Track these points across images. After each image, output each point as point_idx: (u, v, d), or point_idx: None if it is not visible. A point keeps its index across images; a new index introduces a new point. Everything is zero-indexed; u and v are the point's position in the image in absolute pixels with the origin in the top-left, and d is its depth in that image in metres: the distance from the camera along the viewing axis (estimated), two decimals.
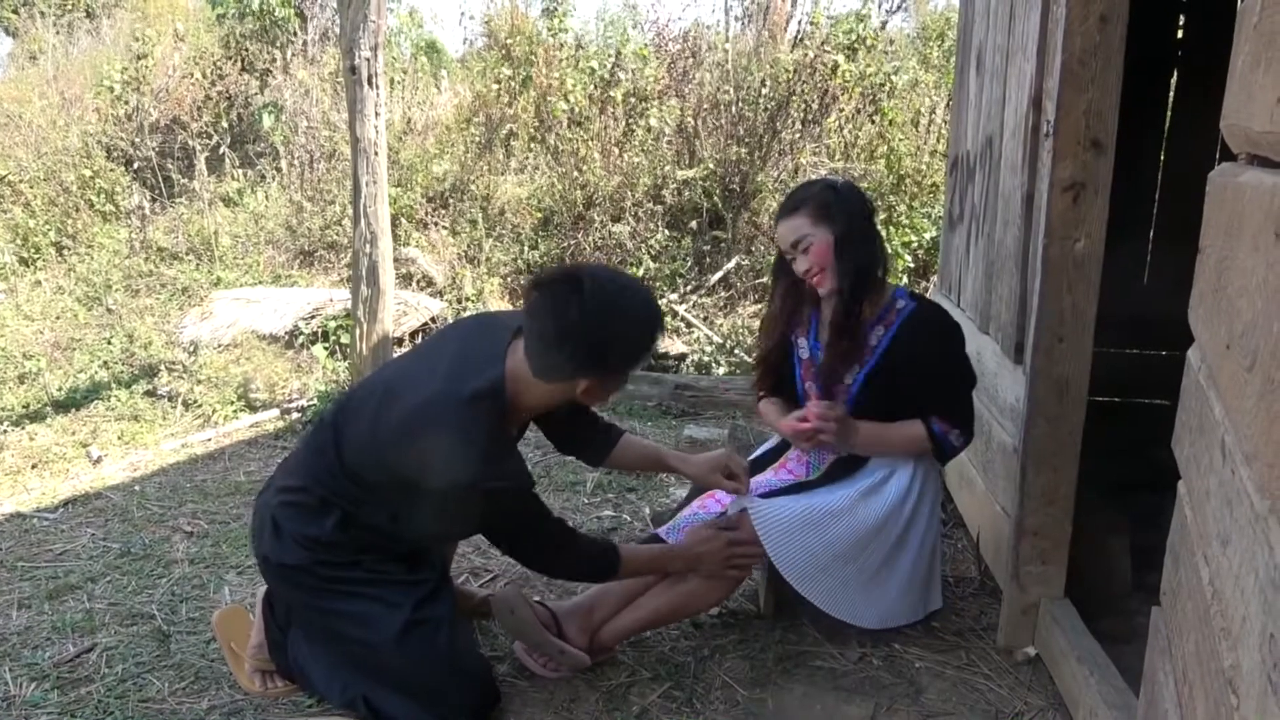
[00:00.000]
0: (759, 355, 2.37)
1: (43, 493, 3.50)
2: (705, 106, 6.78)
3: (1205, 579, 0.92)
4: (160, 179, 7.00)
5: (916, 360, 2.10)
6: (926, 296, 2.29)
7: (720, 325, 5.66)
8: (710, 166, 6.45)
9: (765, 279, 6.03)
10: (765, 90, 6.70)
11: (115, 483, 3.57)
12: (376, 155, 4.11)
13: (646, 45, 7.44)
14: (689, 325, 5.65)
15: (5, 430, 4.20)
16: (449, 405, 1.75)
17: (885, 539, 2.16)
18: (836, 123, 6.81)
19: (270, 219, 6.70)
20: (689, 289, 6.08)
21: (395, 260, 4.97)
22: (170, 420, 4.34)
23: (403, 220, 6.37)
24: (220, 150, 7.11)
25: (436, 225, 6.54)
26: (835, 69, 6.72)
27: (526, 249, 6.29)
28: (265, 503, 1.99)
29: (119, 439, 4.13)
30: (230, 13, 7.82)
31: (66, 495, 3.42)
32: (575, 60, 7.26)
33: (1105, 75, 1.94)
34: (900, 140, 6.52)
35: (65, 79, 7.86)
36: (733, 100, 6.69)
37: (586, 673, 2.13)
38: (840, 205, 2.11)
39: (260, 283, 6.10)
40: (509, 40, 7.29)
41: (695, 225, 6.37)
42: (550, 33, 7.33)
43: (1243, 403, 0.82)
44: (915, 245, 5.81)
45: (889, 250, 4.83)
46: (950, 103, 3.74)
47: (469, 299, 5.86)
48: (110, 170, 6.92)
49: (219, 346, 5.06)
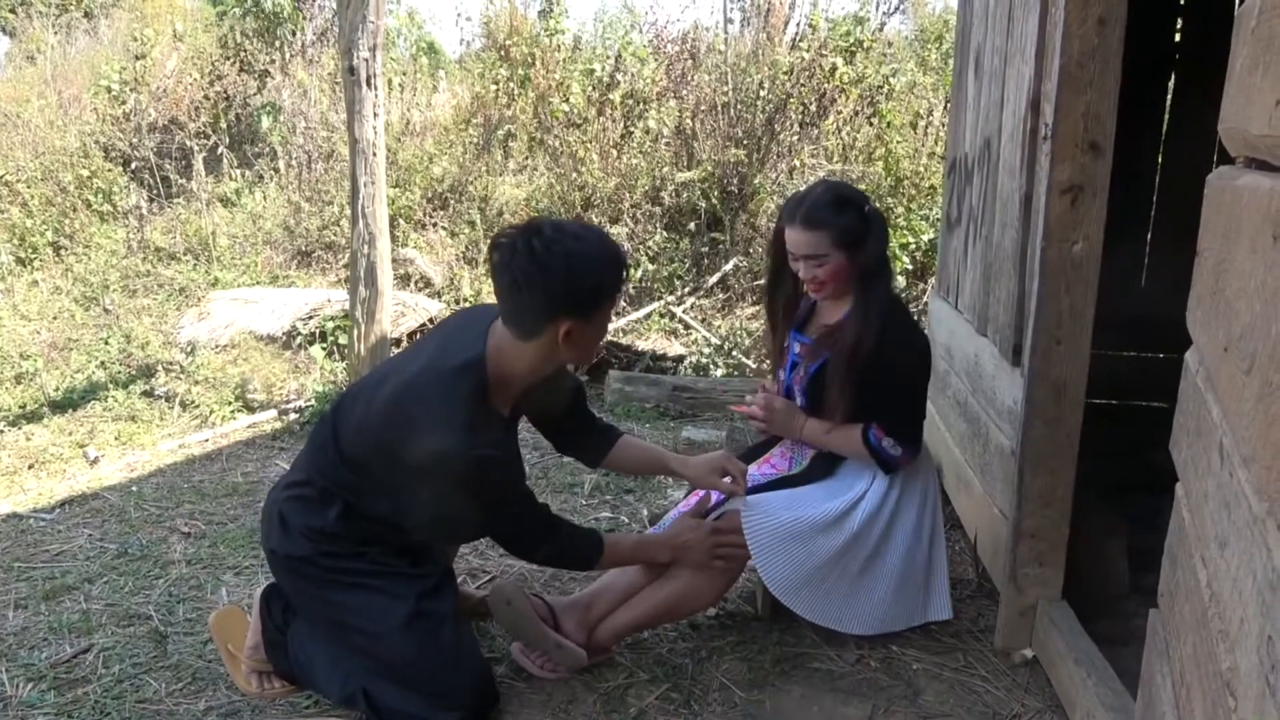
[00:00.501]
0: (769, 349, 2.39)
1: (39, 493, 3.50)
2: (703, 108, 6.78)
3: (1203, 581, 0.92)
4: (158, 179, 7.00)
5: (873, 373, 2.06)
6: (904, 309, 2.25)
7: (718, 327, 5.66)
8: (708, 168, 6.45)
9: (763, 280, 6.03)
10: (763, 92, 6.70)
11: (112, 483, 3.56)
12: (375, 156, 4.11)
13: (645, 47, 7.44)
14: (687, 327, 5.64)
15: (2, 430, 4.20)
16: (432, 377, 1.82)
17: (863, 546, 2.16)
18: (834, 125, 6.82)
19: (268, 219, 6.69)
20: (687, 291, 6.07)
21: (393, 261, 4.97)
22: (167, 421, 4.33)
23: (401, 221, 6.36)
24: (218, 150, 7.10)
25: (435, 226, 6.54)
26: (833, 71, 6.72)
27: None
28: (273, 499, 2.04)
29: (116, 439, 4.12)
30: (232, 10, 7.82)
31: (63, 496, 3.42)
32: (573, 62, 7.26)
33: (1103, 78, 1.94)
34: (898, 142, 6.52)
35: (63, 79, 7.85)
36: (731, 102, 6.70)
37: (584, 674, 2.13)
38: (873, 239, 2.07)
39: (258, 283, 6.10)
40: (508, 41, 7.29)
41: (693, 227, 6.37)
42: (546, 34, 7.33)
43: (1241, 405, 0.82)
44: (913, 247, 5.82)
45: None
46: (948, 105, 3.75)
47: (467, 300, 5.86)
48: (108, 170, 6.91)
49: (216, 347, 5.05)
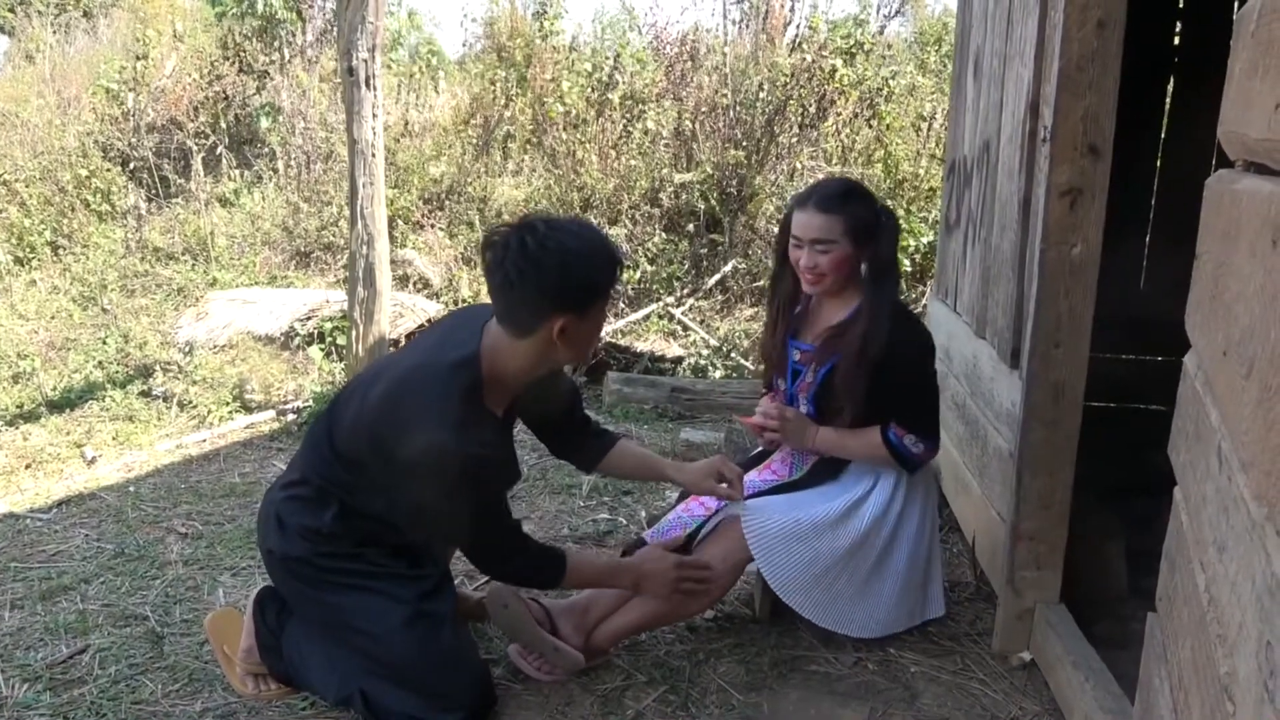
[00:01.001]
0: (762, 353, 2.37)
1: (36, 493, 3.49)
2: (703, 110, 6.78)
3: (1201, 585, 0.92)
4: (156, 179, 6.99)
5: (883, 372, 2.06)
6: (903, 305, 2.25)
7: (717, 328, 5.66)
8: (708, 170, 6.45)
9: (762, 282, 6.04)
10: (763, 94, 6.70)
11: (109, 483, 3.55)
12: (374, 157, 4.11)
13: (645, 48, 7.45)
14: (686, 328, 5.64)
15: None
16: (426, 374, 1.82)
17: (871, 548, 2.16)
18: (834, 127, 6.82)
19: (267, 220, 6.69)
20: (686, 292, 6.07)
21: (392, 262, 4.97)
22: (165, 421, 4.32)
23: (399, 222, 6.36)
24: (217, 151, 7.09)
25: (433, 227, 6.53)
26: (833, 73, 6.73)
27: None
28: (270, 499, 2.03)
29: (114, 439, 4.11)
30: (231, 11, 7.81)
31: (60, 496, 3.41)
32: (570, 63, 7.26)
33: (1103, 81, 1.94)
34: (897, 145, 6.53)
35: (62, 79, 7.84)
36: (730, 104, 6.70)
37: (581, 676, 2.13)
38: (885, 238, 2.09)
39: (256, 283, 6.09)
40: (508, 42, 7.29)
41: (692, 228, 6.37)
42: (541, 35, 7.33)
43: (1239, 409, 0.82)
44: (912, 249, 5.82)
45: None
46: (948, 107, 3.75)
47: (466, 301, 5.85)
48: (106, 170, 6.91)
49: (214, 347, 5.04)
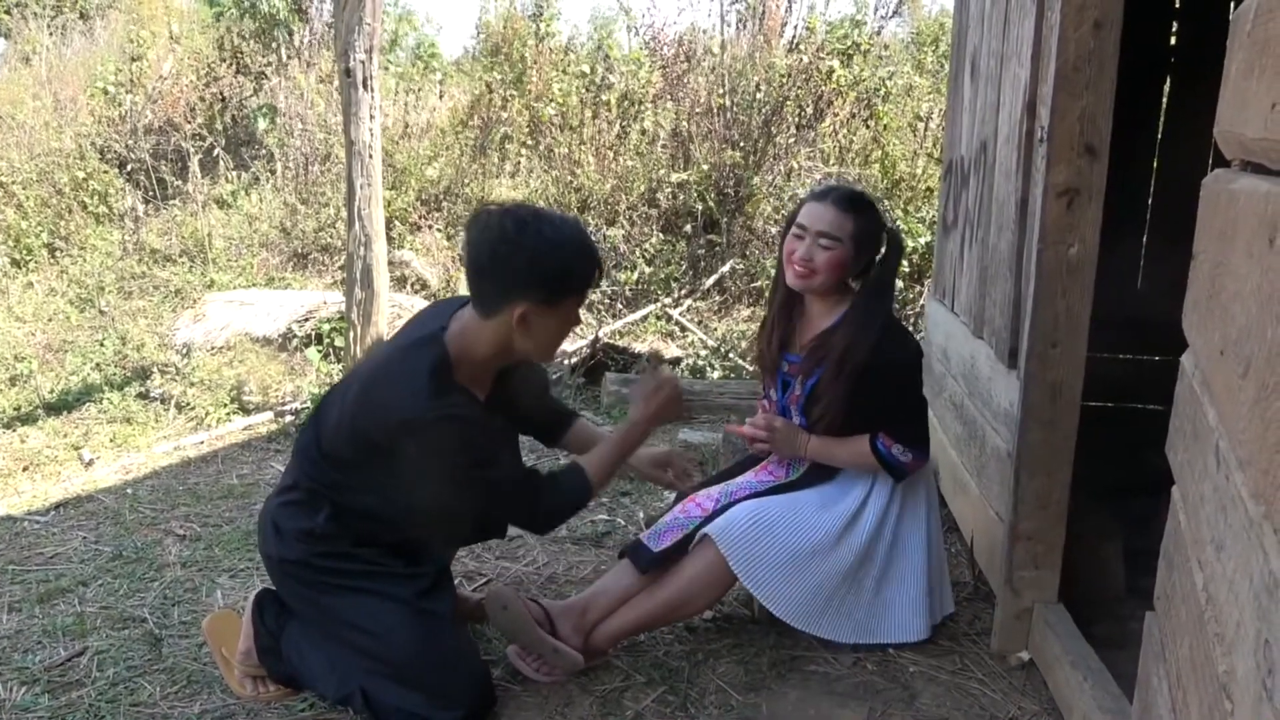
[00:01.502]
0: (755, 358, 2.37)
1: (34, 495, 3.48)
2: (700, 110, 6.79)
3: (1199, 584, 0.92)
4: (154, 181, 6.98)
5: (870, 383, 2.08)
6: (894, 318, 2.25)
7: (715, 329, 5.66)
8: (705, 170, 6.45)
9: (760, 283, 6.04)
10: (760, 94, 6.71)
11: (107, 485, 3.55)
12: (371, 158, 4.11)
13: (641, 49, 7.45)
14: (684, 329, 5.64)
15: None
16: (394, 356, 1.89)
17: (872, 563, 2.16)
18: (831, 127, 6.83)
19: (264, 221, 6.68)
20: (684, 293, 6.08)
21: (389, 263, 4.97)
22: (163, 423, 4.32)
23: (397, 223, 6.36)
24: (214, 152, 7.09)
25: (431, 228, 6.53)
26: (830, 74, 6.74)
27: None
28: (267, 508, 2.05)
29: (111, 441, 4.11)
30: (229, 12, 7.81)
31: (58, 498, 3.41)
32: (564, 65, 7.26)
33: (1099, 81, 1.95)
34: (895, 145, 6.54)
35: (59, 80, 7.83)
36: (727, 104, 6.70)
37: (580, 677, 2.12)
38: (887, 257, 2.14)
39: (254, 285, 6.09)
40: (504, 45, 7.30)
41: (690, 229, 6.38)
42: (536, 37, 7.33)
43: (1237, 409, 0.82)
44: (909, 250, 5.83)
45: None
46: (945, 108, 3.76)
47: None
48: (103, 172, 6.90)
49: (212, 349, 5.04)
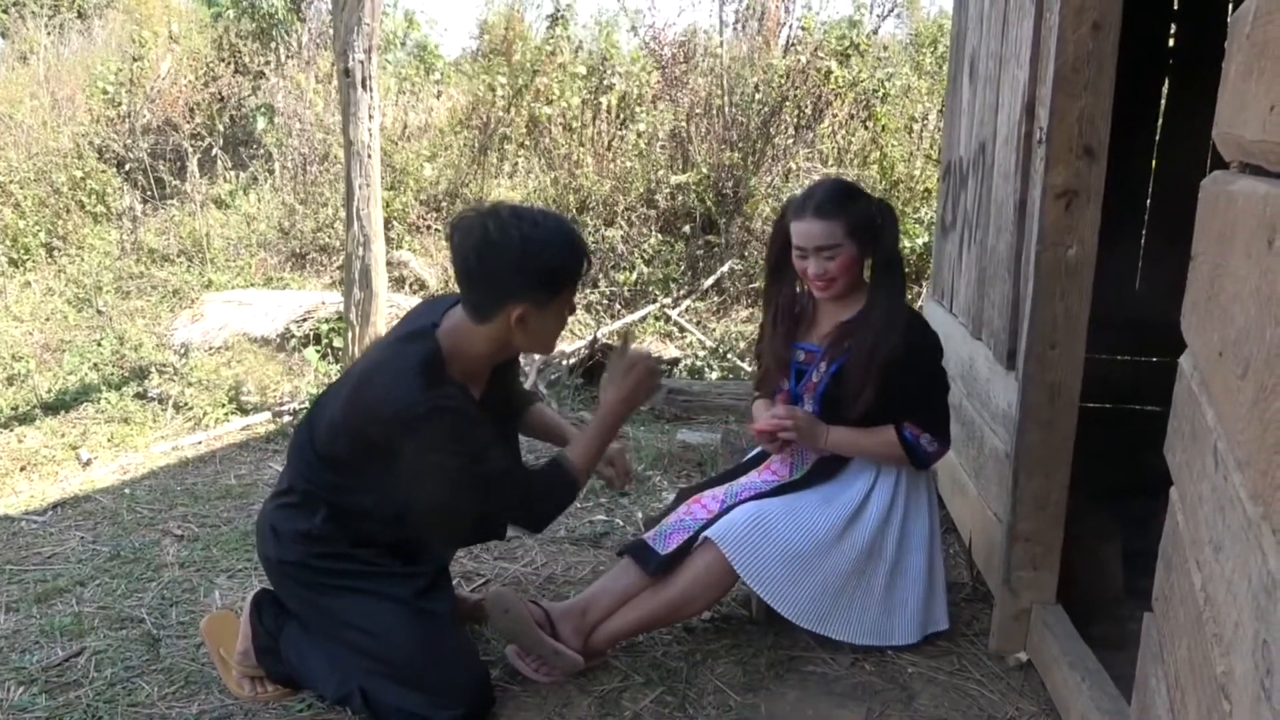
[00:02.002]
0: (759, 357, 2.37)
1: (31, 495, 3.48)
2: (698, 111, 6.79)
3: (1198, 585, 0.92)
4: (152, 180, 6.98)
5: (898, 372, 2.07)
6: (910, 305, 2.26)
7: (714, 330, 5.67)
8: (703, 171, 6.46)
9: (759, 284, 6.04)
10: (758, 95, 6.71)
11: (105, 485, 3.54)
12: (370, 158, 4.11)
13: (640, 50, 7.45)
14: (682, 330, 5.64)
15: None
16: (385, 353, 1.89)
17: (880, 559, 2.16)
18: (829, 128, 6.83)
19: (262, 221, 6.68)
20: (682, 294, 6.08)
21: (388, 263, 4.96)
22: (161, 423, 4.32)
23: (396, 223, 6.35)
24: (213, 152, 7.09)
25: (429, 228, 6.53)
26: (828, 75, 6.74)
27: None
28: (264, 511, 2.06)
29: (109, 441, 4.10)
30: (227, 12, 7.80)
31: (55, 498, 3.40)
32: (566, 66, 7.26)
33: (1098, 82, 1.95)
34: (893, 146, 6.54)
35: (56, 80, 7.83)
36: (725, 105, 6.71)
37: (579, 677, 2.12)
38: (886, 232, 2.12)
39: (252, 285, 6.09)
40: (505, 45, 7.30)
41: (688, 230, 6.38)
42: (548, 41, 7.33)
43: (1235, 409, 0.82)
44: (908, 251, 5.83)
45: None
46: (943, 109, 3.76)
47: None
48: (101, 171, 6.90)
49: (210, 349, 5.04)
